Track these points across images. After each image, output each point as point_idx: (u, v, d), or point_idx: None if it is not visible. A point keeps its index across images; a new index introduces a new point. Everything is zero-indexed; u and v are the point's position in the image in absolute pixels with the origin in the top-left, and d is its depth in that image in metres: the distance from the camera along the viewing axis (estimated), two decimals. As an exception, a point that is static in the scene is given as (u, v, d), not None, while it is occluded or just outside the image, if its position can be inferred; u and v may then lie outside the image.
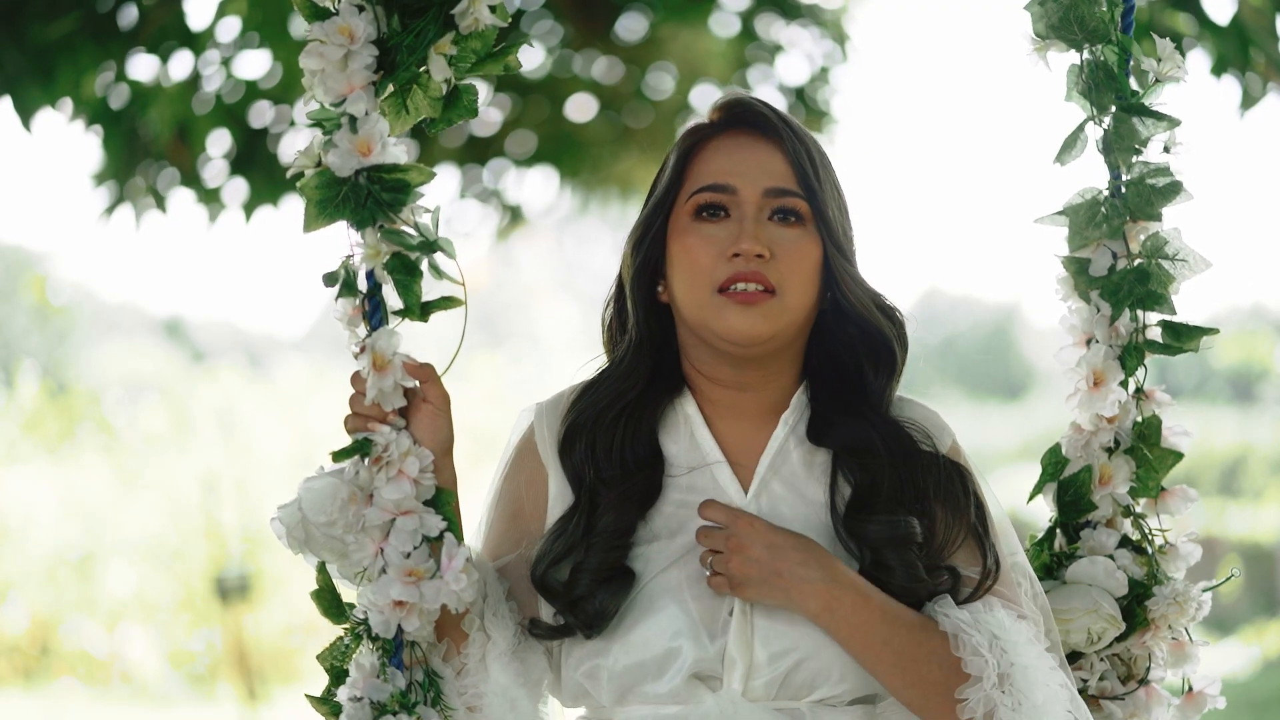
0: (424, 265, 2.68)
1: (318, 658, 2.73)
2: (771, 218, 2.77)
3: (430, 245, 2.68)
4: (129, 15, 6.77)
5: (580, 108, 8.92)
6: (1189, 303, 2.93)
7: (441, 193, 9.46)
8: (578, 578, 2.71)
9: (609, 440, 2.79)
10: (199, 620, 14.24)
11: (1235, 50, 6.10)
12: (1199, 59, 6.19)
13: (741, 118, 2.81)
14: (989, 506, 2.81)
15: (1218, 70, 6.18)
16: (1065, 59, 2.91)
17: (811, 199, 2.77)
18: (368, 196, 2.66)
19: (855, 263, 2.81)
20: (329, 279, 2.68)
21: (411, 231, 2.68)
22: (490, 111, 8.74)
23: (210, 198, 7.72)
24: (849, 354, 2.82)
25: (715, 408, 2.83)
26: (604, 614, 2.70)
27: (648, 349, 2.82)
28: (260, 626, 13.99)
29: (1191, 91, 2.90)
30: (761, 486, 2.78)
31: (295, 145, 7.57)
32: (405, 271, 2.67)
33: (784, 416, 2.81)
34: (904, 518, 2.72)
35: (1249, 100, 6.23)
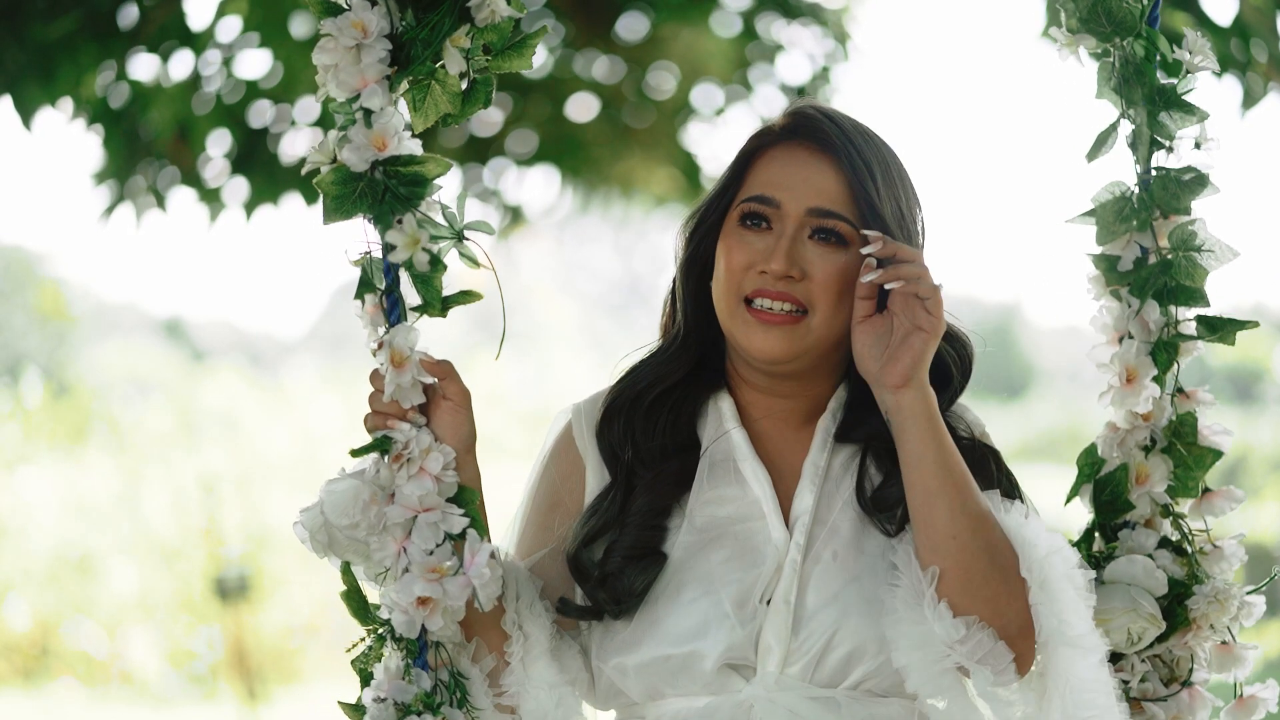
0: (447, 257, 2.66)
1: (351, 662, 2.70)
2: (813, 236, 2.74)
3: (459, 235, 2.66)
4: (129, 15, 6.77)
5: (581, 107, 8.90)
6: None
7: (440, 193, 9.43)
8: (610, 555, 2.72)
9: (648, 423, 2.79)
10: (199, 620, 14.22)
11: (1237, 49, 6.09)
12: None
13: (803, 129, 2.77)
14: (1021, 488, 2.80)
15: (1219, 70, 6.17)
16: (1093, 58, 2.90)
17: (863, 225, 2.72)
18: (385, 191, 2.64)
19: None
20: (357, 263, 2.65)
21: (441, 220, 2.66)
22: (491, 111, 8.72)
23: (210, 197, 7.71)
24: None
25: (752, 409, 2.82)
26: (631, 591, 2.70)
27: (694, 341, 2.82)
28: (260, 626, 13.97)
29: (1192, 91, 2.90)
30: (803, 492, 2.75)
31: (295, 145, 7.57)
32: (426, 264, 2.64)
33: (820, 423, 2.80)
34: None
35: (1250, 100, 6.22)
